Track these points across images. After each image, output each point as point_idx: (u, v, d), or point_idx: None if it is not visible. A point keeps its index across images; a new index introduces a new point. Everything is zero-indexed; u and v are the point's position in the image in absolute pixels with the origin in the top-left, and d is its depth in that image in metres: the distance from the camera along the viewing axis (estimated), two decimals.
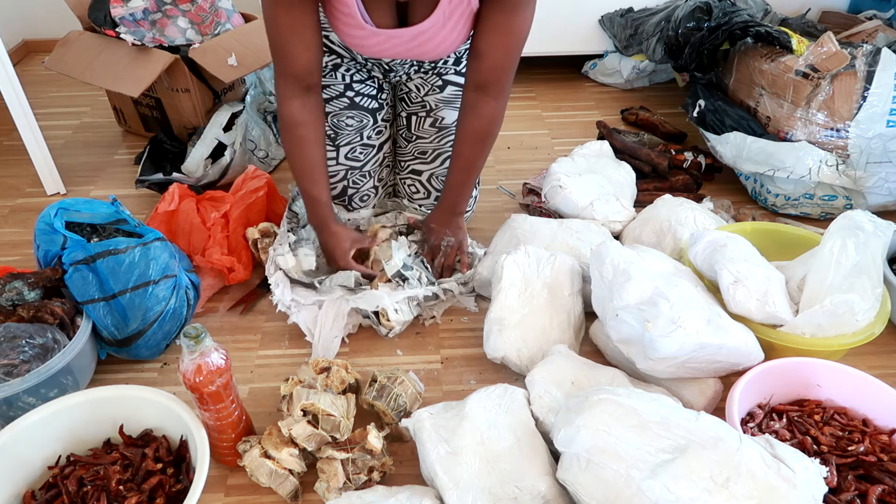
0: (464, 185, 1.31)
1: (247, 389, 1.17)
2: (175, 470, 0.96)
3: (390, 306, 1.21)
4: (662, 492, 0.76)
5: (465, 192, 1.32)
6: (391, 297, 1.21)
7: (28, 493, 0.94)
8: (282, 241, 1.32)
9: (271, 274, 1.28)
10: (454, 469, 0.89)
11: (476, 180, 1.37)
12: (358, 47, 1.18)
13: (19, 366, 1.02)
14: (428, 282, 1.28)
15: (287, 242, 1.32)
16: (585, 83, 2.31)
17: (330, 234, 1.29)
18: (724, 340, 1.00)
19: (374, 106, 1.36)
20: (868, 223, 1.11)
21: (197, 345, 0.87)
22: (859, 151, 1.42)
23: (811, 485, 0.77)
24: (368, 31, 1.12)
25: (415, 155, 1.45)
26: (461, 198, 1.33)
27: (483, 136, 1.24)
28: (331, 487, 0.94)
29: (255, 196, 1.41)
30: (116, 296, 1.12)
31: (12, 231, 1.59)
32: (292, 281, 1.26)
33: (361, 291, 1.22)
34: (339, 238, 1.29)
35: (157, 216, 1.34)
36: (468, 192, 1.33)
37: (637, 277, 1.05)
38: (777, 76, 1.49)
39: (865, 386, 1.02)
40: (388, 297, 1.21)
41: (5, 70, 1.51)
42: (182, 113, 1.79)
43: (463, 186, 1.31)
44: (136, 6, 1.69)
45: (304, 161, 1.22)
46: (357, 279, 1.25)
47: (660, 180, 1.66)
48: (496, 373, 1.19)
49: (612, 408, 0.84)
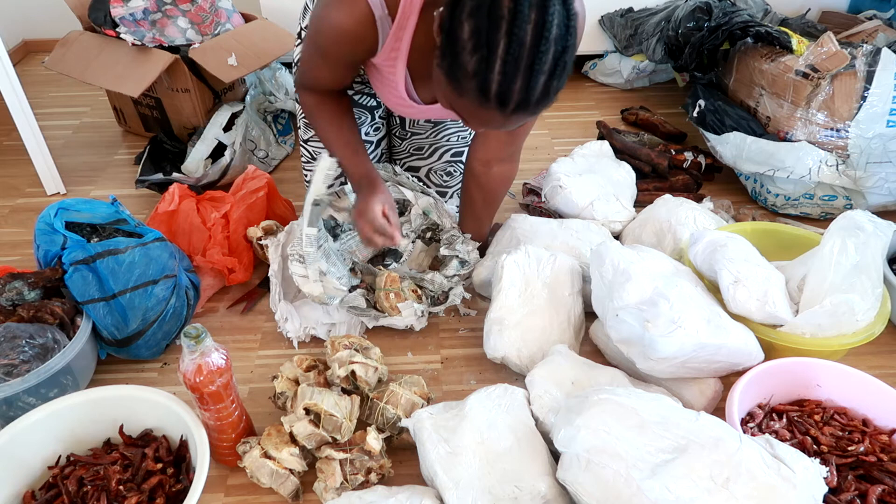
0: (490, 218, 1.40)
1: (247, 389, 1.17)
2: (175, 470, 0.96)
3: (414, 319, 1.23)
4: (662, 492, 0.76)
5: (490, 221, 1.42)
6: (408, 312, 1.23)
7: (28, 493, 0.94)
8: (305, 262, 1.19)
9: (275, 284, 1.26)
10: (454, 469, 0.89)
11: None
12: (395, 110, 1.23)
13: (19, 366, 1.02)
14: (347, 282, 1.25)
15: (318, 269, 1.19)
16: (585, 83, 2.31)
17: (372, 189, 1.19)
18: (724, 340, 1.00)
19: (372, 104, 1.37)
20: (868, 223, 1.11)
21: (197, 345, 0.87)
22: (859, 151, 1.42)
23: (811, 485, 0.77)
24: (410, 104, 1.14)
25: (410, 152, 1.45)
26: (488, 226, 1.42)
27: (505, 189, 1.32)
28: (328, 487, 0.94)
29: (255, 196, 1.41)
30: (116, 296, 1.12)
31: (12, 231, 1.60)
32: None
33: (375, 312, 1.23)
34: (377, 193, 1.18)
35: (157, 216, 1.34)
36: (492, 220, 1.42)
37: (637, 277, 1.05)
38: (777, 76, 1.49)
39: (865, 386, 1.02)
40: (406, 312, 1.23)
41: (5, 70, 1.51)
42: (182, 113, 1.79)
43: (489, 219, 1.40)
44: (136, 6, 1.69)
45: (339, 131, 1.18)
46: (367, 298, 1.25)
47: (660, 180, 1.66)
48: (496, 373, 1.19)
49: (612, 408, 0.84)
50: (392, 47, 1.02)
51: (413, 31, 1.00)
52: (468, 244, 1.34)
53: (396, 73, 1.07)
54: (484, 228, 1.39)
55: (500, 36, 0.75)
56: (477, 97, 0.81)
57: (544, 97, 0.82)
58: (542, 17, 0.75)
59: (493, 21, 0.75)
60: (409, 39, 1.01)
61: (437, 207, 1.38)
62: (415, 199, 1.38)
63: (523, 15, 0.74)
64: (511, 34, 0.75)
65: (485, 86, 0.79)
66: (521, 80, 0.78)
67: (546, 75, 0.79)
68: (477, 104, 0.82)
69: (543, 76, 0.79)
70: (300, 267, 1.19)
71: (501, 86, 0.78)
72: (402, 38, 1.01)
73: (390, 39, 1.01)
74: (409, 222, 1.38)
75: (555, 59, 0.78)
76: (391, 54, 1.04)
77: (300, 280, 1.19)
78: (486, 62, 0.77)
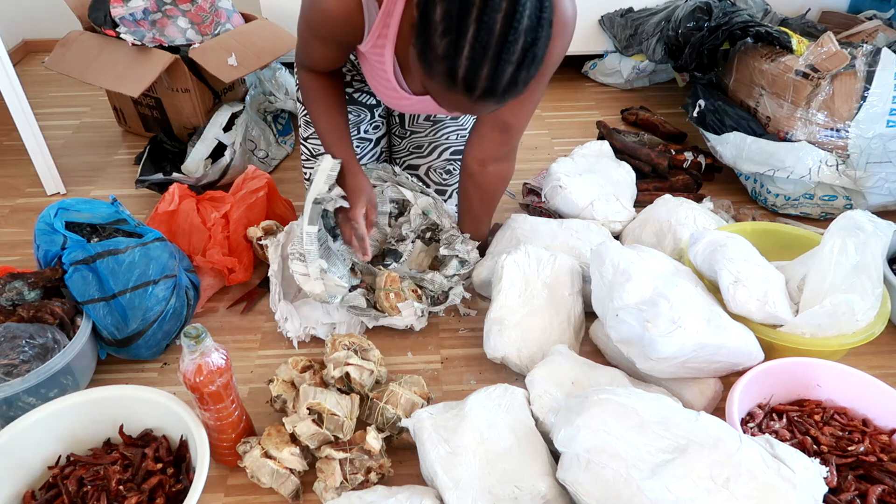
0: (489, 217, 1.39)
1: (247, 389, 1.17)
2: (175, 470, 0.96)
3: (414, 319, 1.23)
4: (662, 492, 0.76)
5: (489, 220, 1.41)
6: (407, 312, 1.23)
7: (28, 493, 0.94)
8: (306, 261, 1.19)
9: (275, 285, 1.27)
10: (454, 469, 0.89)
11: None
12: (387, 103, 1.22)
13: (19, 366, 1.02)
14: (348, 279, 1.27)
15: (318, 267, 1.19)
16: (585, 83, 2.31)
17: (353, 183, 1.22)
18: (724, 340, 1.00)
19: (372, 102, 1.37)
20: (868, 223, 1.11)
21: (197, 345, 0.87)
22: (859, 151, 1.42)
23: (811, 485, 0.77)
24: (401, 94, 1.14)
25: (410, 150, 1.45)
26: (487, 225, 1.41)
27: (502, 188, 1.32)
28: (328, 487, 0.94)
29: (255, 196, 1.41)
30: (116, 296, 1.12)
31: (12, 231, 1.60)
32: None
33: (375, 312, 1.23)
34: (359, 190, 1.21)
35: (157, 216, 1.34)
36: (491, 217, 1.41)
37: (637, 277, 1.05)
38: (777, 76, 1.49)
39: (865, 386, 1.02)
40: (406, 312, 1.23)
41: (5, 70, 1.51)
42: (182, 113, 1.79)
43: (488, 219, 1.39)
44: (136, 6, 1.69)
45: (328, 118, 1.20)
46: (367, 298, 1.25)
47: (660, 180, 1.66)
48: (496, 373, 1.19)
49: (612, 408, 0.84)
50: (379, 34, 1.02)
51: (400, 18, 0.99)
52: (468, 244, 1.34)
53: (385, 62, 1.07)
54: (483, 228, 1.39)
55: (470, 22, 0.75)
56: (445, 80, 0.81)
57: (512, 86, 0.81)
58: (512, 7, 0.75)
59: (465, 6, 0.75)
60: (397, 26, 1.00)
61: (437, 207, 1.38)
62: (414, 199, 1.38)
63: (494, 3, 0.74)
64: (480, 21, 0.75)
65: (452, 70, 0.79)
66: (487, 67, 0.78)
67: (514, 65, 0.78)
68: (445, 87, 0.82)
69: (511, 66, 0.78)
70: (301, 265, 1.19)
71: (468, 71, 0.78)
72: (389, 25, 1.01)
73: (377, 25, 1.01)
74: (409, 222, 1.38)
75: (524, 49, 0.78)
76: (378, 41, 1.03)
77: (301, 278, 1.18)
78: (455, 46, 0.77)
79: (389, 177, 1.39)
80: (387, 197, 1.39)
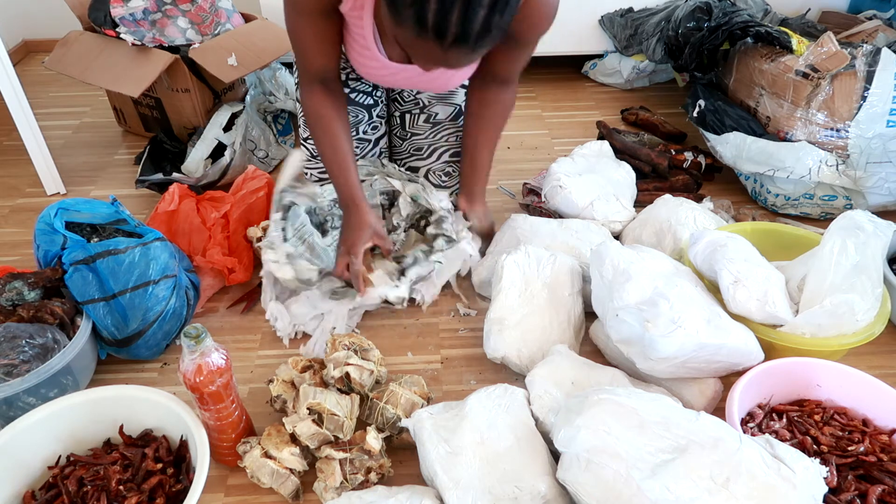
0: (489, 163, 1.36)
1: (247, 389, 1.17)
2: (175, 470, 0.96)
3: (391, 294, 1.23)
4: (662, 492, 0.76)
5: (488, 169, 1.38)
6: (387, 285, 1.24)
7: (28, 493, 0.94)
8: (274, 247, 1.24)
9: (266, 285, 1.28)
10: (454, 469, 0.89)
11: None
12: (369, 76, 1.21)
13: (19, 366, 1.02)
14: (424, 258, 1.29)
15: (284, 252, 1.24)
16: (585, 83, 2.31)
17: (357, 218, 1.22)
18: (724, 340, 1.00)
19: (370, 102, 1.37)
20: (868, 223, 1.11)
21: (197, 345, 0.87)
22: (859, 151, 1.42)
23: (811, 485, 0.77)
24: (381, 63, 1.13)
25: (410, 152, 1.45)
26: (486, 175, 1.38)
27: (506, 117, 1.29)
28: (328, 487, 0.94)
29: (255, 196, 1.41)
30: (116, 296, 1.12)
31: (12, 231, 1.59)
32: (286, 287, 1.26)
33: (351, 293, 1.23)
34: (363, 225, 1.21)
35: (157, 216, 1.34)
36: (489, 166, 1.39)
37: (637, 277, 1.05)
38: (777, 76, 1.49)
39: (865, 386, 1.02)
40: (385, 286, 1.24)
41: (5, 70, 1.51)
42: (182, 113, 1.79)
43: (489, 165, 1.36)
44: (136, 6, 1.69)
45: (333, 151, 1.20)
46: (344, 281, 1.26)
47: (660, 180, 1.66)
48: (496, 373, 1.19)
49: (612, 408, 0.84)
50: None
51: None
52: (459, 222, 1.34)
53: (364, 26, 1.06)
54: (480, 174, 1.35)
55: None
56: (414, 26, 0.78)
57: (485, 32, 0.79)
58: None
59: None
60: None
61: (425, 191, 1.38)
62: (402, 187, 1.39)
63: None
64: None
65: (422, 14, 0.76)
66: (458, 10, 0.75)
67: (486, 9, 0.76)
68: (414, 34, 0.80)
69: (483, 10, 0.76)
70: (272, 253, 1.22)
71: (438, 15, 0.76)
72: None
73: None
74: (399, 212, 1.39)
75: None
76: (357, 2, 1.02)
77: (273, 266, 1.22)
78: None
79: (378, 170, 1.40)
80: (376, 190, 1.40)
